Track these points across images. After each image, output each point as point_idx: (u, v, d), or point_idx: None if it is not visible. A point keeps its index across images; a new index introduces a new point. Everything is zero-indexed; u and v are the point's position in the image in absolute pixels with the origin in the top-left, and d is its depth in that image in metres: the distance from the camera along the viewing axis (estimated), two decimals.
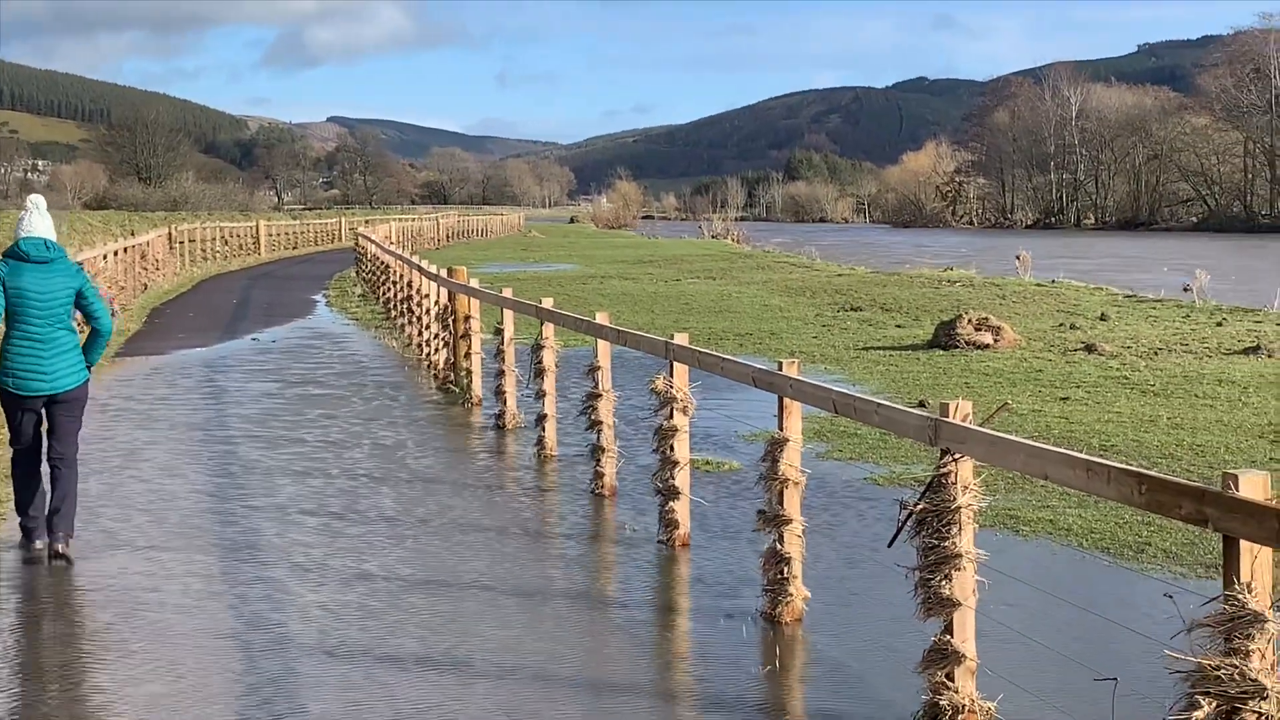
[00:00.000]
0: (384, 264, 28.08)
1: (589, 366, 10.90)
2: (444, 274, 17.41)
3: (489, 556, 8.71)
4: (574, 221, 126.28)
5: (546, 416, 12.11)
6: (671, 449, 8.88)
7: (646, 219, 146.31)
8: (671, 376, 8.93)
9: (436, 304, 17.97)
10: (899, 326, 23.51)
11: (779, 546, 7.22)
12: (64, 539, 8.65)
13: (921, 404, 13.53)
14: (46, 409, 8.76)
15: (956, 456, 5.48)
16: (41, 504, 8.85)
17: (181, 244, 44.44)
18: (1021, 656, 6.53)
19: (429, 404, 15.63)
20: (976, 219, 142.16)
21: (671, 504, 8.88)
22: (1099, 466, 4.64)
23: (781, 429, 7.30)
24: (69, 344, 8.72)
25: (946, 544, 5.45)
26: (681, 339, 8.94)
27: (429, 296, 18.75)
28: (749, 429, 12.88)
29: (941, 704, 5.48)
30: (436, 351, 17.72)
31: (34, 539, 8.85)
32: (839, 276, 38.10)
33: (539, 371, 12.23)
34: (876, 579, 8.02)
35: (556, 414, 12.31)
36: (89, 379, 8.92)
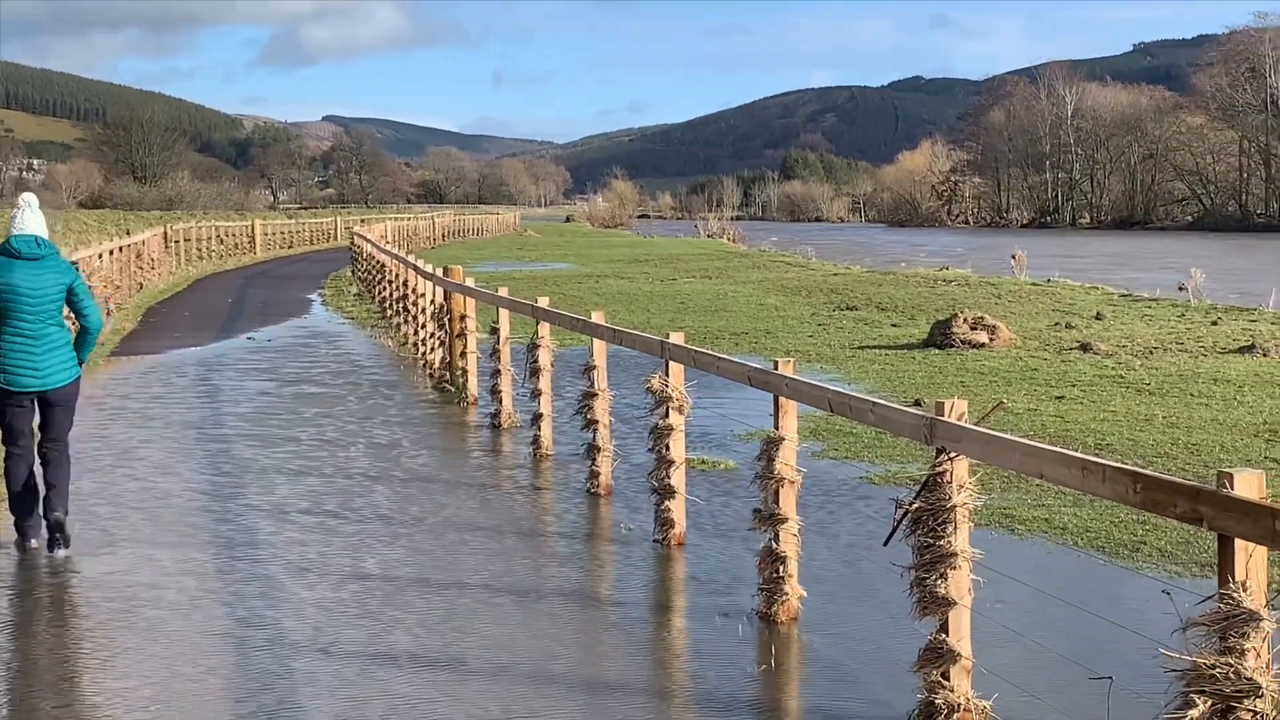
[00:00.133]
0: (379, 263, 28.06)
1: (584, 366, 10.90)
2: (439, 273, 17.40)
3: (484, 555, 8.71)
4: (570, 221, 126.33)
5: (542, 415, 12.11)
6: (667, 448, 8.88)
7: (642, 218, 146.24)
8: (667, 375, 8.93)
9: (432, 303, 17.96)
10: (894, 326, 23.52)
11: (774, 545, 7.22)
12: (63, 510, 8.67)
13: (917, 403, 13.54)
14: (39, 406, 8.76)
15: (952, 455, 5.48)
16: (36, 502, 8.85)
17: (177, 243, 44.41)
18: (1017, 655, 6.53)
19: (424, 403, 15.63)
20: (972, 218, 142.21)
21: (667, 503, 8.88)
22: (1094, 465, 4.65)
23: (777, 428, 7.30)
24: (61, 340, 8.73)
25: (942, 543, 5.46)
26: (677, 338, 8.94)
27: (424, 296, 18.74)
28: (745, 428, 12.88)
29: (937, 703, 5.48)
30: (432, 351, 17.70)
31: (29, 538, 8.84)
32: (834, 276, 38.11)
33: (534, 371, 12.23)
34: (872, 578, 8.02)
35: (552, 413, 12.30)
36: (80, 375, 8.92)
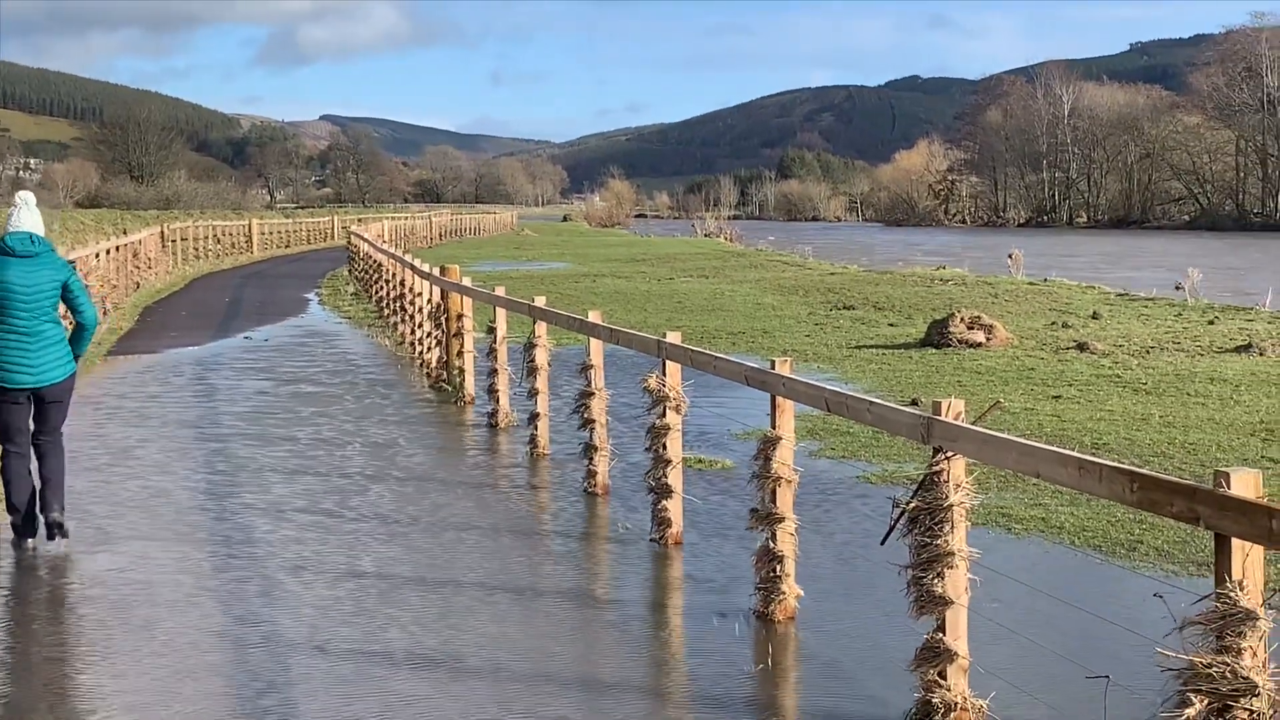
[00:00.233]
0: (377, 262, 28.06)
1: (582, 365, 10.89)
2: (437, 272, 17.39)
3: (481, 554, 8.71)
4: (567, 220, 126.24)
5: (539, 415, 12.10)
6: (664, 447, 8.88)
7: (640, 217, 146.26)
8: (664, 375, 8.92)
9: (429, 302, 17.95)
10: (891, 325, 23.53)
11: (772, 545, 7.22)
12: (59, 509, 8.65)
13: (914, 402, 13.55)
14: (34, 402, 8.76)
15: (949, 455, 5.48)
16: (33, 500, 8.84)
17: (174, 242, 44.40)
18: (1014, 654, 6.54)
19: (421, 402, 15.62)
20: (969, 217, 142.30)
21: (664, 502, 8.88)
22: (1091, 465, 4.65)
23: (774, 427, 7.29)
24: (55, 337, 8.73)
25: (939, 542, 5.46)
26: (674, 337, 8.94)
27: (422, 295, 18.74)
28: (742, 427, 12.88)
29: (934, 702, 5.48)
30: (429, 350, 17.70)
31: (25, 537, 8.83)
32: (832, 275, 38.11)
33: (531, 370, 12.22)
34: (869, 577, 8.02)
35: (549, 412, 12.30)
36: (75, 372, 8.92)
